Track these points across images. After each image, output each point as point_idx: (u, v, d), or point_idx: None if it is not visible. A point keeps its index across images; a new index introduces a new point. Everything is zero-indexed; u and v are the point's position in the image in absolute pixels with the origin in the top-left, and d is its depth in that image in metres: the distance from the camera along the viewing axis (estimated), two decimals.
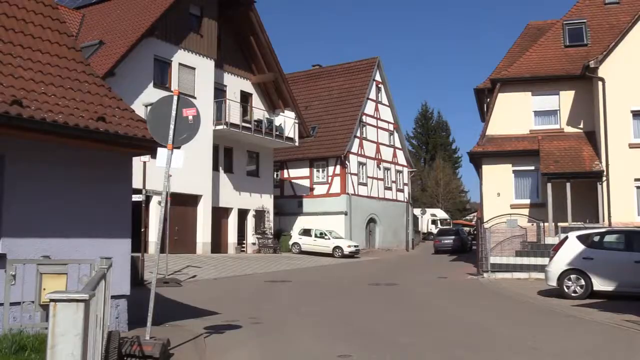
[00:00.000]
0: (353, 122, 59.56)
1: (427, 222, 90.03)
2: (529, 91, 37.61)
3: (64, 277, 11.16)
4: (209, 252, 43.05)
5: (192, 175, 39.97)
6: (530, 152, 35.96)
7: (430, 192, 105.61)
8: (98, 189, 13.38)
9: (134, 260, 21.86)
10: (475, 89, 45.18)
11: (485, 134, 37.78)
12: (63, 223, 12.70)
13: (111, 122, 12.86)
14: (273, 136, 49.22)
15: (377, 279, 31.63)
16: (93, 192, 13.27)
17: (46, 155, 12.46)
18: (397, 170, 67.87)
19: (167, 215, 25.19)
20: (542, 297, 23.32)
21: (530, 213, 35.57)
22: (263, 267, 37.68)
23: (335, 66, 67.52)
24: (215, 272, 33.45)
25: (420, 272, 36.35)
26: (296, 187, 59.47)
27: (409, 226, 68.25)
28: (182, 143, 12.76)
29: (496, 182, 36.91)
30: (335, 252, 51.13)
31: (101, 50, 38.52)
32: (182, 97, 12.90)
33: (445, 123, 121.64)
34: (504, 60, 43.52)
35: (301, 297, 24.06)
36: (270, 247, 49.74)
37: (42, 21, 13.93)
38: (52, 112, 11.81)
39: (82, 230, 12.98)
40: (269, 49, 49.26)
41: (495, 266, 31.80)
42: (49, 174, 12.54)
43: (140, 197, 26.88)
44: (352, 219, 57.73)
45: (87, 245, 12.98)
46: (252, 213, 50.02)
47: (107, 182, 13.59)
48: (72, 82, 13.33)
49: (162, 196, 13.18)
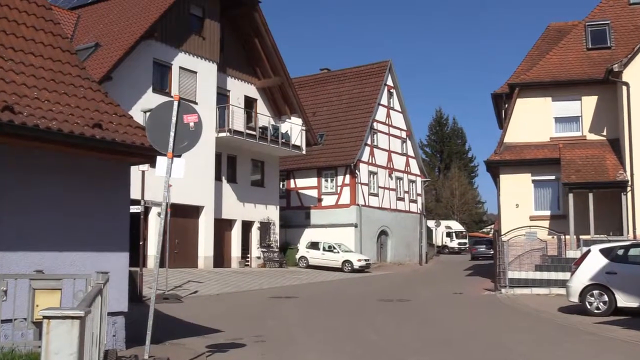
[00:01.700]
0: (363, 129, 59.52)
1: (442, 235, 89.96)
2: (549, 96, 37.54)
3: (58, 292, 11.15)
4: (211, 267, 43.02)
5: (194, 185, 39.98)
6: (550, 161, 35.87)
7: (445, 203, 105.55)
8: (94, 199, 13.39)
9: (132, 275, 21.86)
10: (493, 94, 45.19)
11: (503, 142, 37.71)
12: (57, 236, 12.69)
13: (108, 129, 12.87)
14: (279, 144, 49.23)
15: (389, 294, 31.59)
16: (89, 203, 13.27)
17: (39, 164, 12.47)
18: (410, 179, 67.80)
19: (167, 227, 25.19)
20: (563, 314, 23.25)
21: (551, 225, 35.48)
22: (268, 282, 37.66)
23: (345, 70, 67.55)
24: (218, 288, 33.45)
25: (435, 288, 36.30)
26: (303, 198, 59.47)
27: (423, 239, 68.08)
28: (183, 151, 12.78)
29: (514, 193, 36.82)
30: (345, 267, 51.03)
31: (97, 53, 38.59)
32: (182, 103, 12.92)
33: (460, 130, 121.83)
34: (522, 63, 43.50)
35: (308, 313, 24.03)
36: (276, 261, 49.71)
37: (35, 22, 13.96)
38: (45, 119, 11.82)
39: (77, 243, 12.98)
40: (274, 51, 49.27)
41: (513, 281, 31.73)
42: (42, 184, 12.54)
43: (138, 209, 26.88)
44: (362, 232, 57.65)
45: (83, 259, 12.98)
46: (257, 225, 50.00)
47: (104, 193, 13.60)
48: (67, 87, 13.34)
49: (162, 207, 13.18)
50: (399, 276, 48.10)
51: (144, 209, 28.15)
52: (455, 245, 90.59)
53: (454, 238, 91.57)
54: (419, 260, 66.17)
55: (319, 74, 70.00)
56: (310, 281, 41.12)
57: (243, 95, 49.06)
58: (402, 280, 43.08)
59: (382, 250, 62.14)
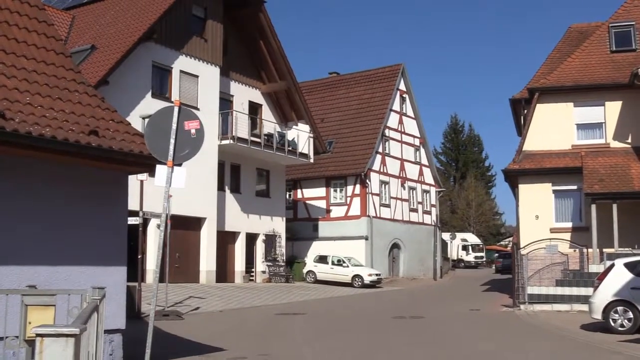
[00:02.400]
0: (374, 136, 59.52)
1: (457, 248, 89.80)
2: (570, 102, 37.48)
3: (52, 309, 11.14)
4: (214, 282, 42.98)
5: (195, 195, 39.96)
6: (572, 170, 35.78)
7: (460, 214, 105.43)
8: (90, 210, 13.40)
9: (130, 291, 21.88)
10: (511, 100, 45.13)
11: (522, 150, 37.66)
12: (51, 249, 12.70)
13: (104, 137, 12.89)
14: (285, 152, 49.21)
15: (402, 311, 31.54)
16: (84, 215, 13.28)
17: (32, 173, 12.49)
18: (424, 190, 67.76)
19: (166, 240, 25.21)
20: (585, 331, 23.19)
21: (572, 238, 35.39)
22: (274, 298, 37.65)
23: (355, 74, 67.63)
24: (221, 304, 33.44)
25: (450, 304, 36.24)
26: (311, 209, 59.46)
27: (437, 252, 68.02)
28: (184, 160, 12.78)
29: (534, 204, 36.75)
30: (355, 282, 50.95)
31: (93, 55, 38.63)
32: (183, 109, 12.93)
33: (477, 137, 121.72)
34: (543, 67, 43.49)
35: (316, 331, 24.00)
36: (282, 276, 49.65)
37: (27, 23, 13.99)
38: (38, 125, 11.83)
39: (72, 256, 12.98)
40: (280, 54, 49.29)
41: (533, 297, 31.68)
42: (34, 194, 12.56)
43: (137, 220, 26.90)
44: (373, 245, 57.58)
45: (78, 273, 12.98)
46: (262, 238, 49.99)
47: (100, 204, 13.61)
48: (61, 92, 13.36)
49: (162, 219, 13.19)
50: (412, 292, 48.06)
51: (142, 221, 28.16)
52: (472, 259, 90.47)
53: (470, 251, 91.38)
54: (433, 275, 66.10)
55: (328, 78, 70.12)
56: (318, 297, 41.08)
57: (247, 100, 49.08)
58: (415, 296, 43.03)
59: (394, 265, 62.05)
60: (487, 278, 62.77)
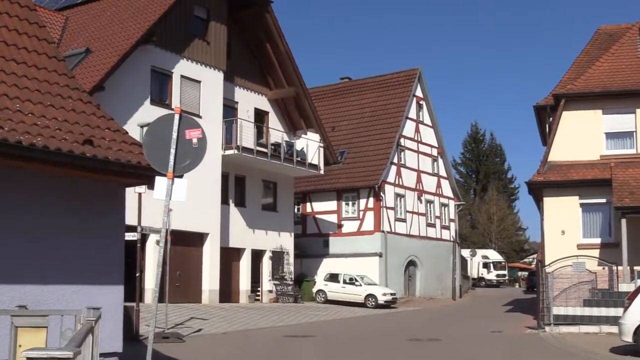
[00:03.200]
0: (389, 146, 59.51)
1: (478, 266, 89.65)
2: (599, 109, 37.45)
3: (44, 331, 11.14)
4: (217, 302, 42.95)
5: (197, 209, 39.95)
6: (600, 182, 35.70)
7: (481, 229, 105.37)
8: (84, 225, 13.39)
9: (128, 311, 21.87)
10: (536, 107, 45.11)
11: (547, 160, 37.63)
12: (42, 266, 12.70)
13: (100, 146, 12.89)
14: (294, 163, 49.16)
15: (418, 333, 31.49)
16: (78, 230, 13.28)
17: (22, 185, 12.49)
18: (442, 203, 67.75)
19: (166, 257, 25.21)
20: (615, 355, 23.13)
21: (601, 254, 35.31)
22: (281, 320, 37.62)
23: (368, 79, 67.72)
24: (225, 325, 33.43)
25: (470, 325, 36.16)
26: (321, 224, 59.44)
27: (456, 270, 67.88)
28: (185, 171, 12.79)
29: (560, 218, 36.70)
30: (368, 302, 50.89)
31: (88, 59, 38.66)
32: (184, 116, 12.94)
33: (499, 147, 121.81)
34: (569, 72, 43.49)
35: (327, 355, 23.98)
36: (290, 296, 49.62)
37: (17, 25, 14.01)
38: (29, 134, 11.84)
39: (65, 275, 12.98)
40: (288, 58, 49.30)
41: (559, 318, 31.59)
42: (25, 208, 12.56)
43: (134, 236, 26.91)
44: (388, 262, 57.53)
45: (71, 293, 12.98)
46: (269, 255, 49.95)
47: (96, 218, 13.61)
48: (54, 98, 13.37)
49: (161, 234, 13.19)
50: (430, 312, 47.98)
51: (140, 237, 28.17)
52: (493, 277, 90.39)
53: (492, 269, 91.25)
54: (452, 295, 65.98)
55: (339, 84, 70.15)
56: (329, 318, 41.04)
57: (253, 107, 49.08)
58: (433, 317, 42.96)
59: (411, 283, 61.99)
60: (510, 298, 62.67)
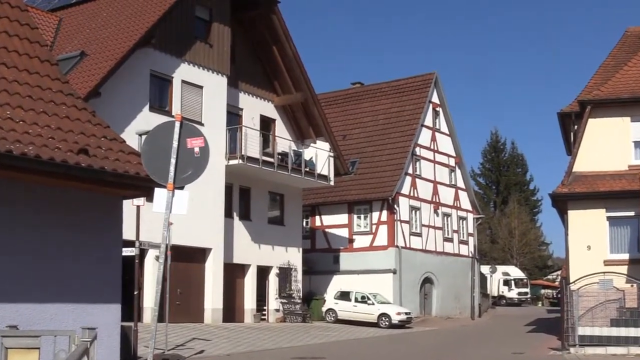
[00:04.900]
0: (404, 155, 59.46)
1: (498, 283, 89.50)
2: (627, 116, 37.39)
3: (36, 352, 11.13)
4: (220, 321, 42.93)
5: (199, 223, 39.95)
6: (629, 194, 35.59)
7: (502, 244, 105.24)
8: (79, 240, 13.38)
9: (125, 331, 21.85)
10: (560, 114, 45.02)
11: (571, 171, 37.56)
12: (34, 284, 12.68)
13: (95, 156, 12.88)
14: (302, 173, 49.11)
15: (435, 355, 31.48)
16: (73, 245, 13.26)
17: (13, 197, 12.48)
18: (460, 216, 67.73)
19: (166, 273, 25.19)
20: None
21: (630, 271, 35.17)
22: (289, 340, 37.62)
23: (381, 84, 67.80)
24: (229, 347, 33.43)
25: (490, 346, 36.12)
26: (331, 239, 59.41)
27: (475, 288, 67.70)
28: (186, 182, 12.77)
29: (586, 232, 36.59)
30: (381, 321, 50.79)
31: (83, 63, 38.68)
32: (185, 124, 12.93)
33: (520, 157, 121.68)
34: (595, 76, 43.43)
35: None
36: (298, 315, 49.60)
37: (8, 27, 14.01)
38: (20, 143, 11.83)
39: (58, 293, 12.96)
40: (296, 62, 49.31)
41: (584, 339, 31.51)
42: (16, 222, 12.54)
43: (132, 251, 26.91)
44: (402, 279, 57.43)
45: (65, 312, 12.96)
46: (275, 271, 49.94)
47: (91, 232, 13.59)
48: (46, 105, 13.37)
49: (161, 250, 13.16)
50: (447, 333, 47.95)
51: (139, 252, 28.17)
52: (515, 296, 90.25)
53: (513, 287, 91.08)
54: (471, 314, 65.85)
55: (350, 89, 70.27)
56: (339, 339, 41.01)
57: (259, 114, 49.09)
58: (450, 338, 42.93)
59: (426, 302, 61.92)
60: (533, 317, 62.53)
